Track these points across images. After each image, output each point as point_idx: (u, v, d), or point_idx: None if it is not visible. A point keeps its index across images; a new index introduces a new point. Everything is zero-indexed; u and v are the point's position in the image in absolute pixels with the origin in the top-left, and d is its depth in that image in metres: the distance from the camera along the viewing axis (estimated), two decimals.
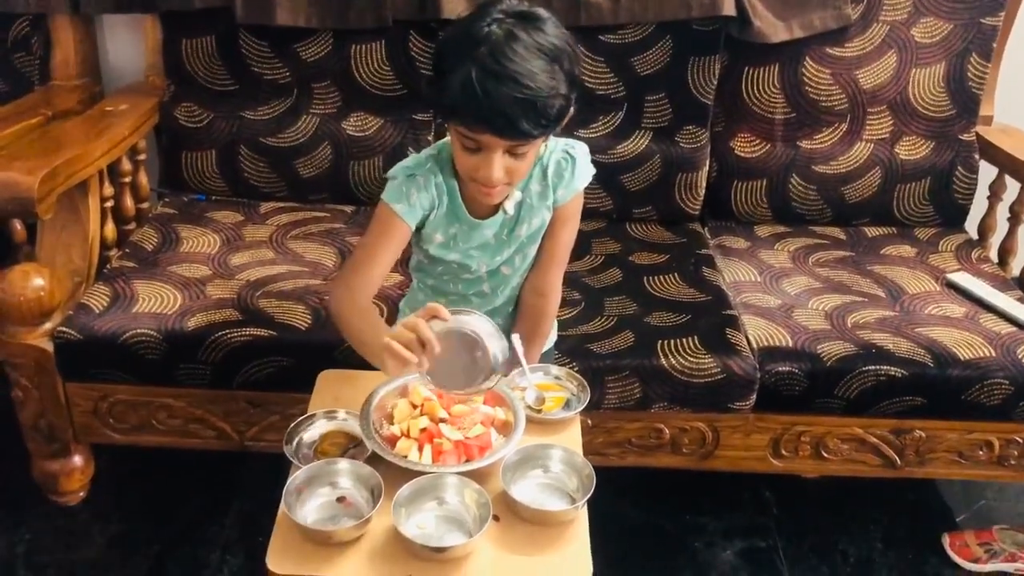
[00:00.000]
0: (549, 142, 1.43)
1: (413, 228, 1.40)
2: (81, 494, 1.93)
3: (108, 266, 1.93)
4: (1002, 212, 2.23)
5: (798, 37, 2.13)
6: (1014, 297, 1.96)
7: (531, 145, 1.29)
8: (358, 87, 2.17)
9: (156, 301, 1.80)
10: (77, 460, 1.89)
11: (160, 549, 1.85)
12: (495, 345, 1.24)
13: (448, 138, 1.38)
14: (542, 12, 1.26)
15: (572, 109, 1.29)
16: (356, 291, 1.40)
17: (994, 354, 1.78)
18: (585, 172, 1.45)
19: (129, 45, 2.29)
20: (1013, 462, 1.85)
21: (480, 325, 1.24)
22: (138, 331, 1.73)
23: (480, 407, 1.32)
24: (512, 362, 1.43)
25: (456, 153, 1.33)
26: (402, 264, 1.67)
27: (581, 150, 1.45)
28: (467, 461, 1.23)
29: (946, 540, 1.94)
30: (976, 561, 1.90)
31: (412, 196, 1.39)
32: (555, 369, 1.46)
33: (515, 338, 1.42)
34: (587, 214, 2.16)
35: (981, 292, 1.97)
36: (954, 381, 1.75)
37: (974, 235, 2.27)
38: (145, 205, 2.18)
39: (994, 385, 1.75)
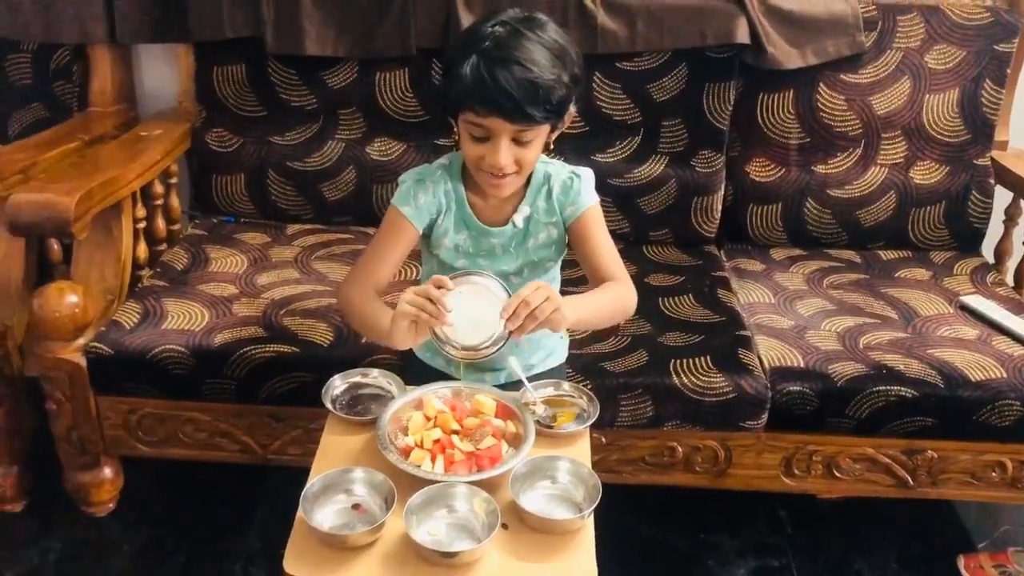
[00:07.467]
0: (555, 167, 1.50)
1: (420, 230, 1.48)
2: (111, 505, 1.98)
3: (140, 284, 2.00)
4: (1018, 236, 2.24)
5: (812, 64, 2.17)
6: None
7: (536, 132, 1.36)
8: (382, 113, 2.24)
9: (184, 318, 1.86)
10: (107, 472, 1.94)
11: (186, 560, 1.90)
12: (503, 293, 1.32)
13: (457, 151, 1.45)
14: (543, 16, 1.36)
15: (574, 107, 1.38)
16: (363, 284, 1.48)
17: (1005, 375, 1.79)
18: (591, 192, 1.51)
19: (163, 73, 2.38)
20: None
21: (485, 280, 1.33)
22: (167, 347, 1.79)
23: (492, 420, 1.36)
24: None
25: (465, 146, 1.39)
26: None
27: (586, 174, 1.52)
28: (478, 471, 1.28)
29: (960, 562, 1.95)
30: None
31: (420, 199, 1.46)
32: (565, 384, 1.50)
33: (512, 360, 1.46)
34: None
35: (994, 315, 1.98)
36: (964, 402, 1.76)
37: (990, 259, 2.28)
38: (176, 226, 2.26)
39: (1005, 407, 1.76)
